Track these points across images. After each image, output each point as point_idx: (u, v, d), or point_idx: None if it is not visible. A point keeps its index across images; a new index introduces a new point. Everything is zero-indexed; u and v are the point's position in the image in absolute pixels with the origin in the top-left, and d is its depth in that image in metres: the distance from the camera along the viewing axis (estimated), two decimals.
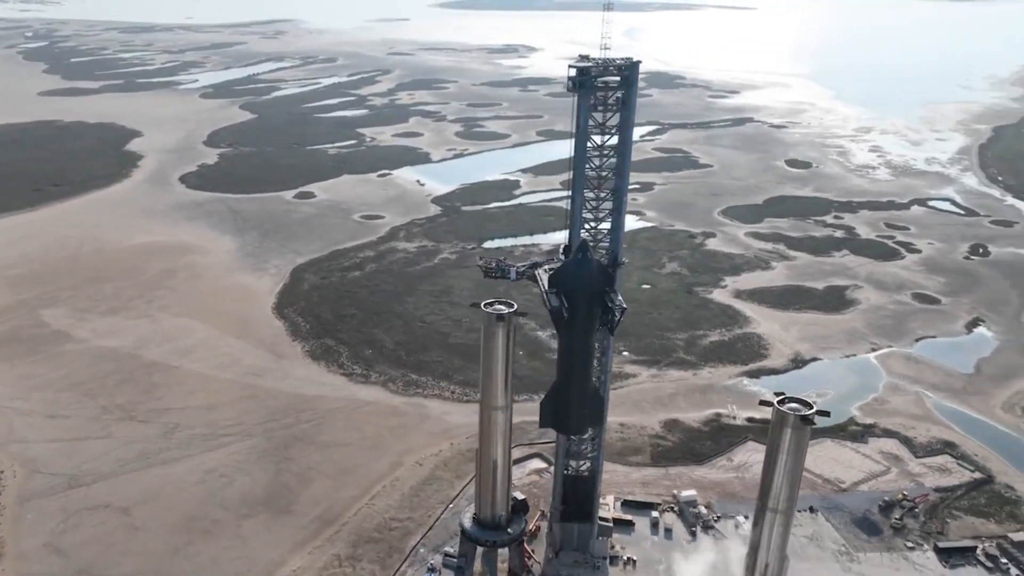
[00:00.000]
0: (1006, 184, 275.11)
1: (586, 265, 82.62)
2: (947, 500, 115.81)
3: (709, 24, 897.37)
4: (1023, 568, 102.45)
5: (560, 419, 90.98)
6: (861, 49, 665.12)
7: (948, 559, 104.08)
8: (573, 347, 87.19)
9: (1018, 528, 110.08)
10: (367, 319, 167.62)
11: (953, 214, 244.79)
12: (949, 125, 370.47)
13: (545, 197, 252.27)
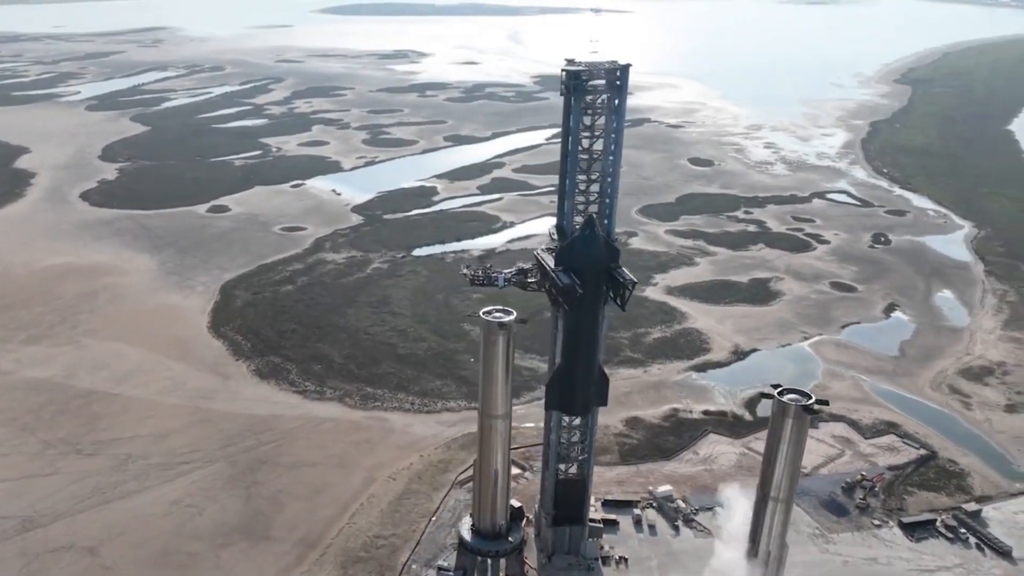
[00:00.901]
0: (891, 176, 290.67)
1: (594, 241, 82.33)
2: (900, 477, 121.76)
3: (589, 27, 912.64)
4: (980, 536, 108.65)
5: (566, 400, 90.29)
6: (735, 50, 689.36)
7: (913, 533, 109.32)
8: (581, 325, 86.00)
9: (968, 499, 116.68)
10: (310, 334, 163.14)
11: (851, 205, 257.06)
12: (830, 121, 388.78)
13: (466, 202, 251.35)
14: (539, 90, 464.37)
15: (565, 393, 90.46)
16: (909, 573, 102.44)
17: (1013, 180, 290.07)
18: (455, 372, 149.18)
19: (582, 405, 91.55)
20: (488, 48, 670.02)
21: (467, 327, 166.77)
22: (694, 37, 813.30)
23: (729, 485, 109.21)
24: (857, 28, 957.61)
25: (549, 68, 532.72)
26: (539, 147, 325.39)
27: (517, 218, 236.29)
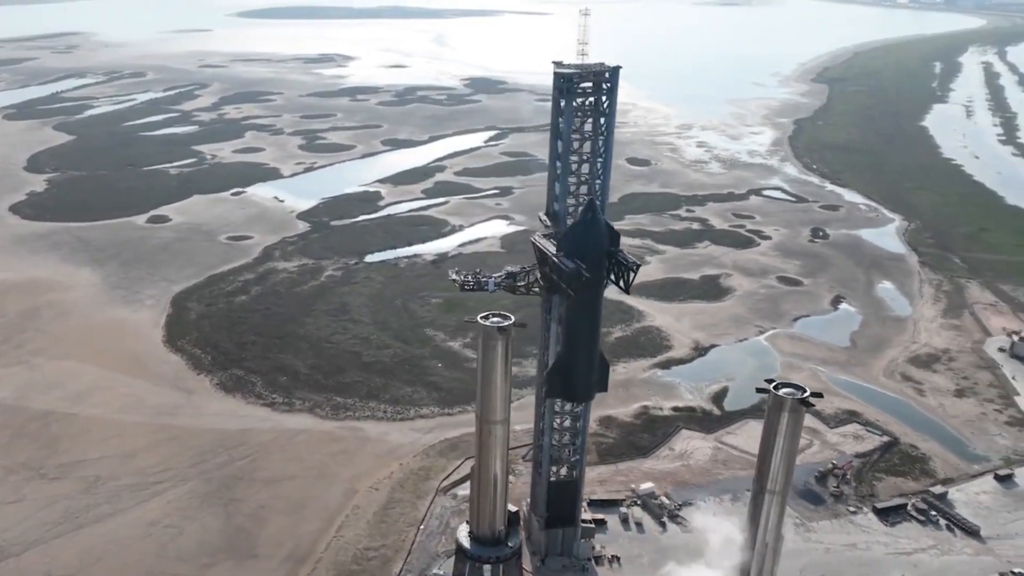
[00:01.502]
0: (821, 172, 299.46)
1: (596, 225, 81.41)
2: (868, 464, 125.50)
3: (511, 29, 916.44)
4: (949, 517, 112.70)
5: (568, 388, 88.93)
6: (657, 51, 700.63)
7: (887, 518, 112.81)
8: (583, 311, 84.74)
9: (933, 483, 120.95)
10: (270, 345, 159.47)
11: (787, 202, 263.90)
12: (757, 120, 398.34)
13: (412, 207, 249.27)
14: (470, 93, 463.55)
15: (567, 380, 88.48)
16: (888, 557, 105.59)
17: (934, 175, 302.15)
18: (424, 378, 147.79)
19: (584, 391, 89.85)
20: (415, 51, 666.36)
21: (430, 332, 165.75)
22: (615, 38, 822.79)
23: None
24: (769, 29, 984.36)
25: (478, 71, 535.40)
26: (478, 150, 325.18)
27: (465, 221, 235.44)
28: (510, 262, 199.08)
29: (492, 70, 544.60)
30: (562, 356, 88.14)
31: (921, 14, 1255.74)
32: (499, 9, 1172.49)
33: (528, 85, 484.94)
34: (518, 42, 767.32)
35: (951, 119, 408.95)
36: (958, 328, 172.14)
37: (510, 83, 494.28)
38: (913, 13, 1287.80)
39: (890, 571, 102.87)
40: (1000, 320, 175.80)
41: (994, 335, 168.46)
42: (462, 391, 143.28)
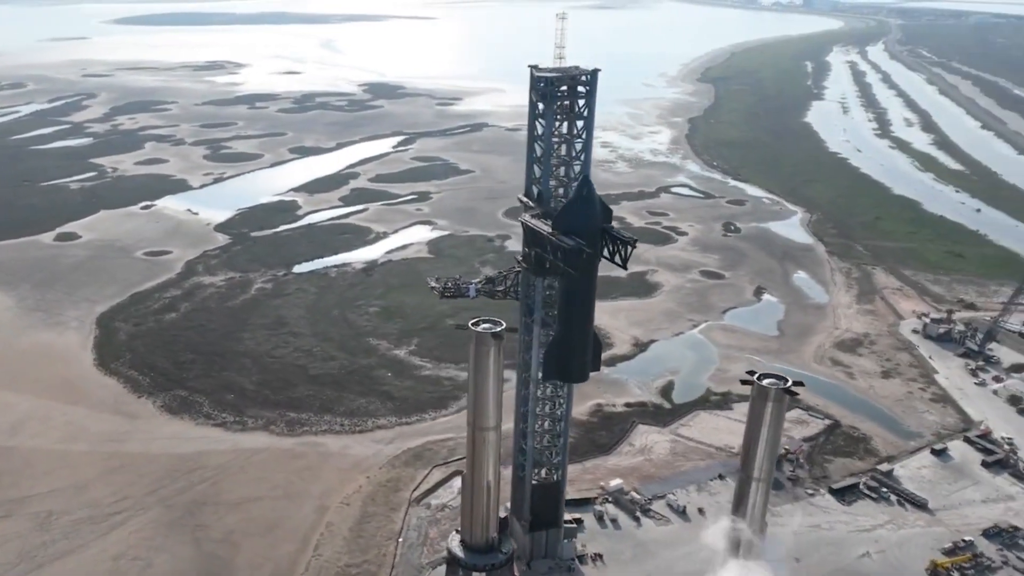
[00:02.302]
0: (722, 168, 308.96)
1: (591, 201, 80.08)
2: (816, 447, 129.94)
3: (399, 34, 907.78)
4: (898, 493, 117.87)
5: (564, 368, 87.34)
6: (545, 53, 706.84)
7: (843, 498, 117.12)
8: (579, 289, 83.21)
9: (878, 461, 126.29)
10: (211, 362, 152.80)
11: (695, 198, 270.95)
12: (653, 119, 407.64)
13: (332, 215, 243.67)
14: (370, 98, 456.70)
15: (563, 361, 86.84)
16: (851, 534, 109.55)
17: (824, 168, 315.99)
18: (376, 389, 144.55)
19: (580, 371, 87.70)
20: (306, 57, 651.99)
21: (373, 341, 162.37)
22: (501, 41, 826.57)
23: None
24: (646, 31, 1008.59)
25: (374, 76, 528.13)
26: (388, 156, 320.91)
27: (388, 228, 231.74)
28: (440, 267, 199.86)
29: (388, 75, 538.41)
30: (558, 337, 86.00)
31: (783, 16, 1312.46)
32: (384, 14, 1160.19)
33: (426, 90, 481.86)
34: (408, 47, 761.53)
35: (830, 115, 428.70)
36: (873, 313, 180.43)
37: (408, 88, 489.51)
38: (776, 15, 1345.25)
39: (855, 548, 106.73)
40: (909, 303, 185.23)
41: (906, 318, 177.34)
42: (416, 400, 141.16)
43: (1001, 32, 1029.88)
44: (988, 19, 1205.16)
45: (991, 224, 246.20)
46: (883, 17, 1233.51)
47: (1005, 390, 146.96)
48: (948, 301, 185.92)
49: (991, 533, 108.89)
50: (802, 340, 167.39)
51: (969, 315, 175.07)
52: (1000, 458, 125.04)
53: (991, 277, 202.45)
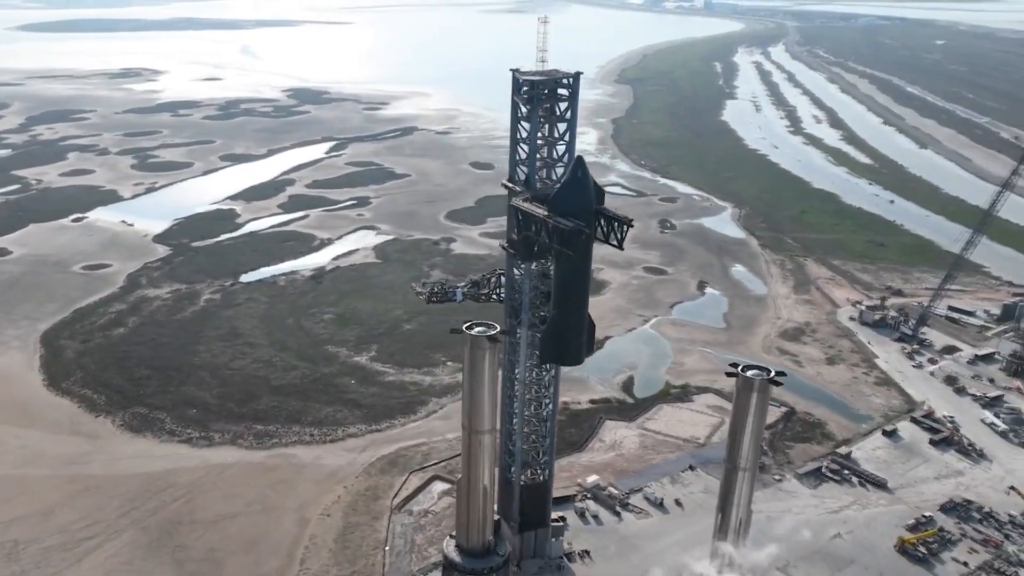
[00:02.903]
0: (651, 167, 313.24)
1: (585, 182, 79.16)
2: (776, 434, 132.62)
3: (316, 39, 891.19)
4: (859, 474, 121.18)
5: (561, 351, 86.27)
6: (463, 57, 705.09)
7: (809, 482, 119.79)
8: (576, 271, 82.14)
9: (836, 445, 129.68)
10: (168, 377, 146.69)
11: (629, 196, 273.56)
12: (578, 121, 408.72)
13: (273, 223, 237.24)
14: (296, 104, 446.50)
15: (560, 344, 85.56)
16: (821, 516, 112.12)
17: (745, 164, 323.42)
18: (342, 397, 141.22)
19: (575, 354, 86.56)
20: (225, 63, 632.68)
21: (332, 349, 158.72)
22: (419, 47, 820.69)
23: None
24: (559, 33, 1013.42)
25: (297, 82, 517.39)
26: (322, 161, 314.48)
27: (332, 234, 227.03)
28: (389, 272, 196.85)
29: (311, 80, 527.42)
30: (553, 320, 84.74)
31: (686, 18, 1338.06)
32: (298, 19, 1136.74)
33: (352, 95, 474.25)
34: (327, 52, 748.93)
35: (744, 113, 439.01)
36: (810, 302, 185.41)
37: (334, 93, 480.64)
38: (679, 18, 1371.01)
39: (827, 530, 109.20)
40: (842, 292, 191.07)
41: (841, 306, 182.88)
42: (384, 406, 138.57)
43: (887, 33, 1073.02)
44: (874, 21, 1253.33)
45: (905, 214, 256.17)
46: (780, 19, 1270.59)
47: (941, 371, 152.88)
48: (877, 289, 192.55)
49: (948, 508, 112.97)
50: (748, 331, 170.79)
51: (899, 301, 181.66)
52: (946, 436, 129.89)
53: (912, 264, 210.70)
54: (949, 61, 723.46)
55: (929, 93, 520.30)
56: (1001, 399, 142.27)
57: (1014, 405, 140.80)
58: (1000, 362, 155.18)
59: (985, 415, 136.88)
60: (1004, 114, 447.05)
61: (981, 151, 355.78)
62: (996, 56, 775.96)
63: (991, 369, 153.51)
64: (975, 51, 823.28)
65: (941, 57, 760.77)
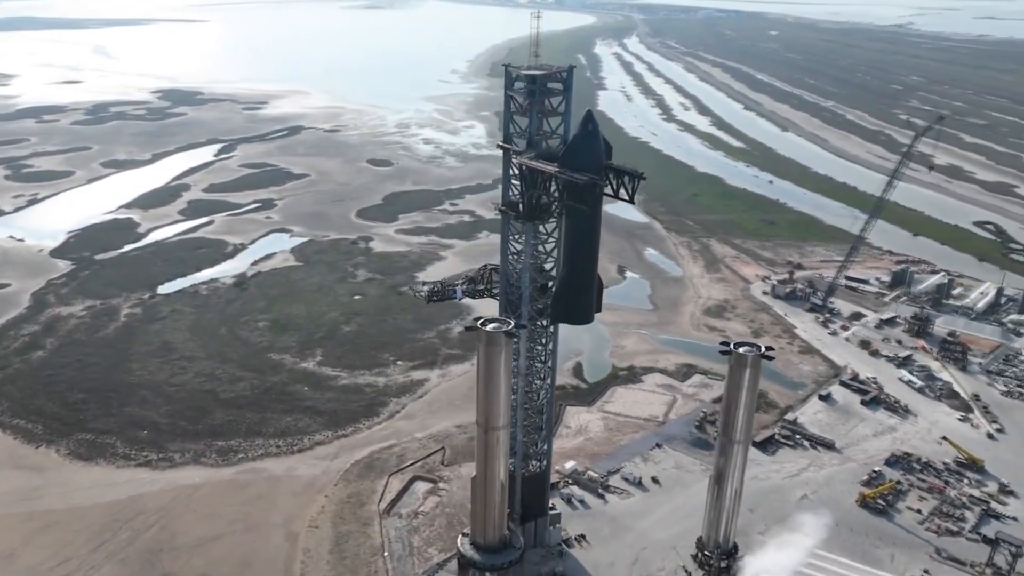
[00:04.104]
0: None
1: (596, 136, 77.99)
2: None
3: (173, 38, 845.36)
4: (808, 438, 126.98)
5: (571, 310, 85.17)
6: (331, 54, 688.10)
7: (766, 449, 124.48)
8: (586, 227, 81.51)
9: (781, 412, 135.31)
10: (106, 399, 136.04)
11: None
12: (462, 114, 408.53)
13: (178, 230, 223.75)
14: (170, 106, 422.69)
15: (570, 303, 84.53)
16: (785, 481, 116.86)
17: (631, 152, 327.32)
18: (299, 405, 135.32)
19: (586, 313, 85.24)
20: (81, 65, 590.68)
21: (275, 356, 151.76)
22: (280, 44, 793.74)
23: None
24: (421, 29, 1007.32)
25: (165, 83, 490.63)
26: (213, 164, 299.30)
27: (244, 239, 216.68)
28: (315, 274, 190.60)
29: (180, 81, 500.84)
30: (564, 279, 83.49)
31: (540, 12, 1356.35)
32: (149, 17, 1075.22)
33: (226, 95, 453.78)
34: (188, 51, 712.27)
35: (617, 103, 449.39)
36: (724, 280, 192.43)
37: (207, 93, 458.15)
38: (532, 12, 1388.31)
39: (793, 492, 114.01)
40: (750, 268, 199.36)
41: (752, 282, 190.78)
42: (345, 411, 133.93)
43: (726, 25, 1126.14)
44: (712, 14, 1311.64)
45: (785, 193, 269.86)
46: (627, 13, 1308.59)
47: (854, 336, 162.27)
48: (779, 264, 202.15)
49: (892, 461, 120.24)
50: (675, 311, 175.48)
51: (802, 274, 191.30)
52: (874, 396, 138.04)
53: (803, 239, 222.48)
54: (785, 50, 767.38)
55: (777, 80, 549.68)
56: (911, 358, 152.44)
57: (923, 363, 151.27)
58: (902, 324, 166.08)
59: (901, 374, 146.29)
60: (844, 98, 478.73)
61: (834, 132, 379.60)
62: (823, 45, 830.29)
63: (896, 331, 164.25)
64: (804, 41, 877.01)
65: (778, 47, 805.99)
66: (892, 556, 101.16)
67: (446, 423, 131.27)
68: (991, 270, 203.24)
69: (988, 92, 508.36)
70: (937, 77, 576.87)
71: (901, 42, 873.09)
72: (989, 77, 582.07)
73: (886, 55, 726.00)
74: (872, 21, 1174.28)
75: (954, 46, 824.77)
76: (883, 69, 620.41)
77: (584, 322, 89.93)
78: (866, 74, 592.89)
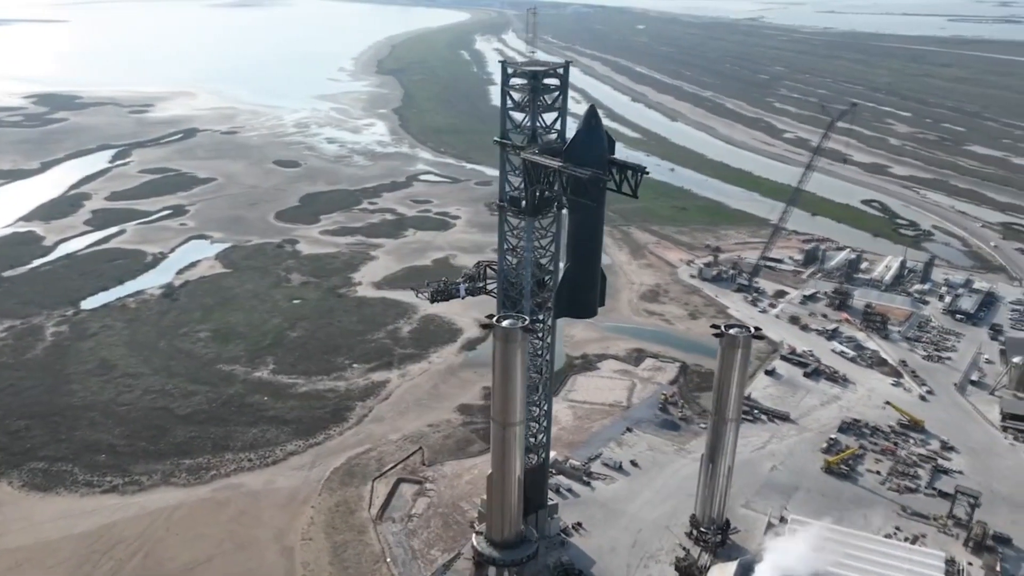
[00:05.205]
0: (451, 153, 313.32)
1: (599, 131, 77.13)
2: (682, 388, 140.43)
3: (34, 39, 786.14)
4: (765, 412, 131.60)
5: (575, 304, 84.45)
6: (209, 53, 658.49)
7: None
8: (588, 221, 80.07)
9: None
10: (51, 425, 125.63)
11: (445, 183, 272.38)
12: (360, 113, 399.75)
13: (88, 242, 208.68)
14: (48, 111, 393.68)
15: (574, 296, 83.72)
16: (753, 454, 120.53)
17: None
18: (263, 415, 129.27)
19: (590, 306, 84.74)
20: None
21: (225, 368, 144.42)
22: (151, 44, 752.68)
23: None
24: (296, 26, 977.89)
25: (37, 86, 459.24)
26: (110, 172, 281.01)
27: (163, 248, 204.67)
28: (247, 280, 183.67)
29: (52, 84, 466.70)
30: (568, 273, 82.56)
31: (409, 9, 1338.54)
32: (6, 18, 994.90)
33: (108, 98, 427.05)
34: (54, 53, 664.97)
35: None
36: (652, 266, 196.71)
37: (87, 97, 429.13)
38: (404, 9, 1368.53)
39: (763, 464, 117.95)
40: (673, 253, 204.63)
41: (678, 266, 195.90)
42: (311, 418, 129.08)
43: (595, 20, 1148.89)
44: (581, 9, 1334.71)
45: (687, 180, 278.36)
46: (498, 8, 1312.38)
47: (783, 313, 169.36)
48: (698, 247, 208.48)
49: (844, 428, 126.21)
50: (613, 298, 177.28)
51: (723, 257, 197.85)
52: (815, 368, 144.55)
53: (715, 224, 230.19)
54: (656, 43, 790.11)
55: (655, 72, 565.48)
56: (838, 331, 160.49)
57: (850, 334, 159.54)
58: (823, 300, 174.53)
59: (833, 345, 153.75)
60: (720, 88, 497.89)
61: (719, 120, 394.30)
62: (690, 38, 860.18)
63: (819, 306, 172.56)
64: (671, 34, 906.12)
65: (648, 40, 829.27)
66: (864, 516, 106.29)
67: (417, 423, 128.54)
68: (886, 244, 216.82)
69: (845, 80, 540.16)
70: (798, 67, 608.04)
71: (758, 34, 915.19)
72: (842, 66, 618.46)
73: (748, 47, 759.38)
74: (727, 15, 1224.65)
75: (806, 37, 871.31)
76: (749, 60, 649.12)
77: (588, 316, 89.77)
78: (734, 65, 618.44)
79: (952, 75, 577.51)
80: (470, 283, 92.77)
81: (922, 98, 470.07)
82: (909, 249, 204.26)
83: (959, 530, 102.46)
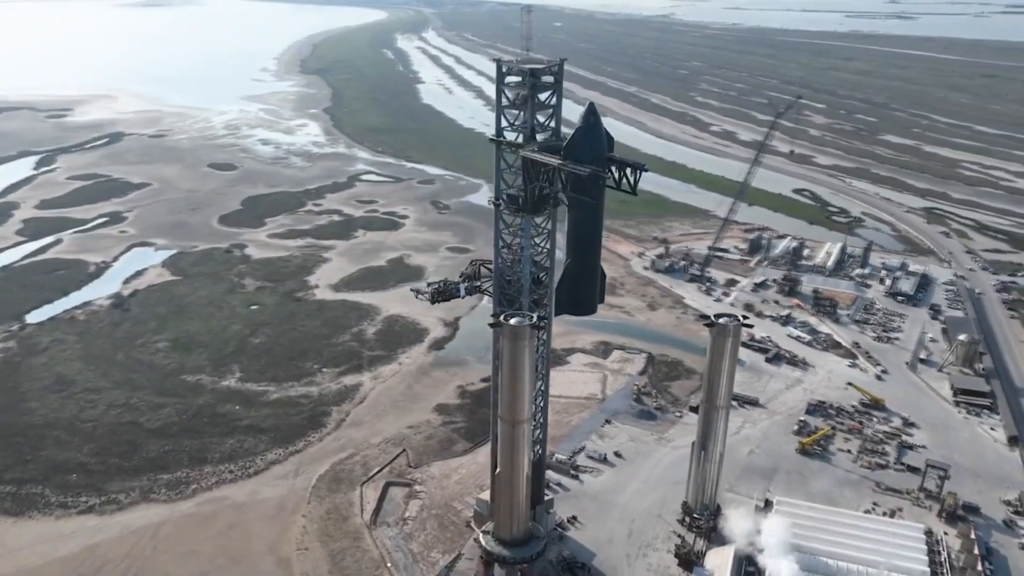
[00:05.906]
0: (390, 153, 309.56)
1: (598, 129, 76.50)
2: (651, 377, 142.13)
3: None
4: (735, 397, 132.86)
5: (575, 301, 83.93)
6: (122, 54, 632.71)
7: None
8: (588, 218, 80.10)
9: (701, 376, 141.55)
10: (14, 446, 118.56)
11: (388, 183, 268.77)
12: (290, 113, 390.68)
13: (24, 253, 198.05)
14: None
15: (574, 294, 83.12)
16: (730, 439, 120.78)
17: (471, 142, 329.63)
18: (237, 425, 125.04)
19: (589, 304, 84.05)
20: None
21: (190, 378, 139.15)
22: (64, 45, 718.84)
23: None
24: (209, 26, 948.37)
25: None
26: (36, 179, 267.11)
27: (105, 256, 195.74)
28: (200, 287, 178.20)
29: None
30: (569, 270, 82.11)
31: (324, 8, 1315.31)
32: None
33: (21, 102, 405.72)
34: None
35: (440, 96, 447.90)
36: (605, 260, 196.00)
37: None
38: (319, 8, 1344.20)
39: (740, 449, 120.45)
40: (623, 246, 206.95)
41: (629, 259, 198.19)
42: (288, 425, 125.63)
43: (511, 17, 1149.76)
44: (497, 6, 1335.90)
45: None
46: (415, 6, 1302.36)
47: (737, 301, 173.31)
48: (646, 240, 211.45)
49: (811, 410, 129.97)
50: None
51: (674, 248, 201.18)
52: (776, 353, 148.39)
53: (660, 216, 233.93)
54: (575, 40, 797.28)
55: (579, 68, 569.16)
56: (791, 316, 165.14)
57: (803, 319, 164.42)
58: (773, 287, 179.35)
59: (788, 331, 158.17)
60: (644, 83, 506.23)
61: (647, 115, 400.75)
62: (607, 35, 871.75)
63: (770, 293, 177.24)
64: (588, 31, 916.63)
65: (566, 37, 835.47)
66: (843, 494, 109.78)
67: (396, 425, 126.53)
68: (821, 231, 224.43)
69: (760, 74, 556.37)
70: (713, 62, 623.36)
71: (671, 31, 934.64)
72: (755, 61, 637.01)
73: (663, 43, 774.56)
74: (639, 12, 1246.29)
75: (717, 34, 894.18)
76: (666, 55, 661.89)
77: (588, 312, 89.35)
78: (654, 61, 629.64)
79: (856, 68, 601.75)
80: (469, 283, 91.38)
81: (832, 90, 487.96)
82: (848, 236, 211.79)
83: (931, 502, 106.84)
